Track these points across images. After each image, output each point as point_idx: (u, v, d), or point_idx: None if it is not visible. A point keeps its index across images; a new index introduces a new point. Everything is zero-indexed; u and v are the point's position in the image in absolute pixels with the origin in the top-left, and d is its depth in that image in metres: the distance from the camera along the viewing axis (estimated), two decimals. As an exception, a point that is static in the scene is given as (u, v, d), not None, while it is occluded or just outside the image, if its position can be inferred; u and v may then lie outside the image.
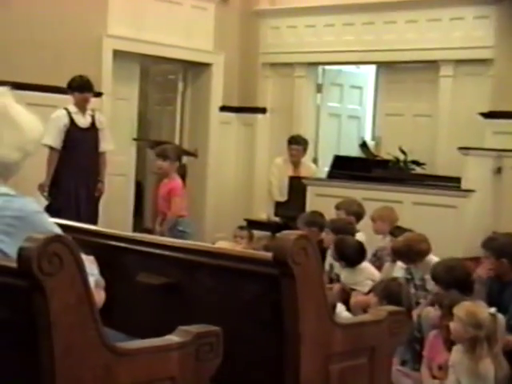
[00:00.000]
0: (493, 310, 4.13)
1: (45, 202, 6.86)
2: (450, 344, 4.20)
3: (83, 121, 7.29)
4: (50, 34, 7.92)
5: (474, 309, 4.05)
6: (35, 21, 7.85)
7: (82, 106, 7.27)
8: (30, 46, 7.80)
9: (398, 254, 5.24)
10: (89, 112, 7.34)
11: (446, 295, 4.37)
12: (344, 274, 5.59)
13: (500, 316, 4.19)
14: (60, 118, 7.12)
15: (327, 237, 5.93)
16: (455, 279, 4.57)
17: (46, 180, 7.14)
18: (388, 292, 4.85)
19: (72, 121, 7.20)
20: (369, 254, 6.20)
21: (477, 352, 3.95)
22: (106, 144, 7.46)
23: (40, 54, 7.86)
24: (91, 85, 7.31)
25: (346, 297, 5.40)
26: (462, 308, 4.05)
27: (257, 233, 7.63)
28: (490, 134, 7.95)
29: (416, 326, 4.55)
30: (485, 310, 4.07)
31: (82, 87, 7.22)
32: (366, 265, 5.62)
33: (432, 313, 4.35)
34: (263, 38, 9.71)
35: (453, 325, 4.04)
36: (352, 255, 5.54)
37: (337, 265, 5.73)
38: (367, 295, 5.43)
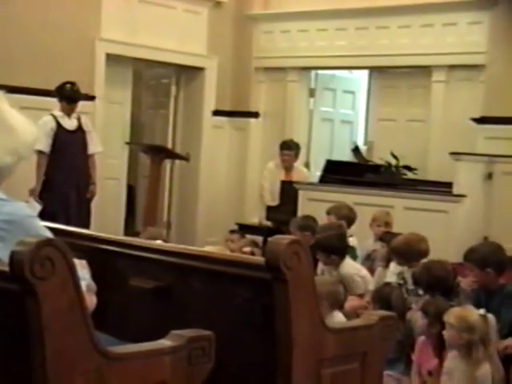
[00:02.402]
0: (482, 311, 4.14)
1: (39, 207, 6.86)
2: (438, 351, 4.21)
3: (70, 123, 7.36)
4: (43, 37, 7.91)
5: (464, 313, 4.05)
6: (29, 25, 7.84)
7: (68, 113, 7.35)
8: (23, 50, 7.79)
9: (396, 253, 5.19)
10: (74, 115, 7.40)
11: (431, 302, 4.36)
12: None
13: (490, 316, 4.19)
14: (46, 122, 7.16)
15: None
16: (434, 278, 4.55)
17: (36, 185, 7.17)
18: (379, 296, 4.86)
19: (59, 124, 7.28)
20: (361, 256, 6.22)
21: (473, 356, 3.95)
22: (94, 146, 7.53)
23: (33, 57, 7.85)
24: (81, 94, 7.40)
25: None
26: (452, 314, 4.05)
27: (249, 237, 7.62)
28: (482, 139, 7.97)
29: (406, 330, 4.56)
30: (475, 313, 4.08)
31: (71, 99, 7.30)
32: (346, 261, 5.54)
33: (419, 321, 4.35)
34: (256, 42, 9.72)
35: (446, 332, 4.04)
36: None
37: (328, 269, 5.70)
38: (361, 298, 5.44)
